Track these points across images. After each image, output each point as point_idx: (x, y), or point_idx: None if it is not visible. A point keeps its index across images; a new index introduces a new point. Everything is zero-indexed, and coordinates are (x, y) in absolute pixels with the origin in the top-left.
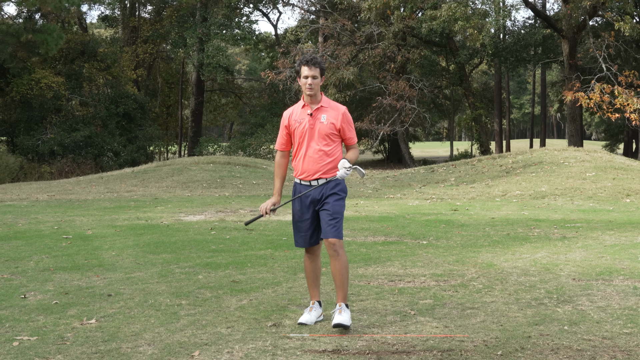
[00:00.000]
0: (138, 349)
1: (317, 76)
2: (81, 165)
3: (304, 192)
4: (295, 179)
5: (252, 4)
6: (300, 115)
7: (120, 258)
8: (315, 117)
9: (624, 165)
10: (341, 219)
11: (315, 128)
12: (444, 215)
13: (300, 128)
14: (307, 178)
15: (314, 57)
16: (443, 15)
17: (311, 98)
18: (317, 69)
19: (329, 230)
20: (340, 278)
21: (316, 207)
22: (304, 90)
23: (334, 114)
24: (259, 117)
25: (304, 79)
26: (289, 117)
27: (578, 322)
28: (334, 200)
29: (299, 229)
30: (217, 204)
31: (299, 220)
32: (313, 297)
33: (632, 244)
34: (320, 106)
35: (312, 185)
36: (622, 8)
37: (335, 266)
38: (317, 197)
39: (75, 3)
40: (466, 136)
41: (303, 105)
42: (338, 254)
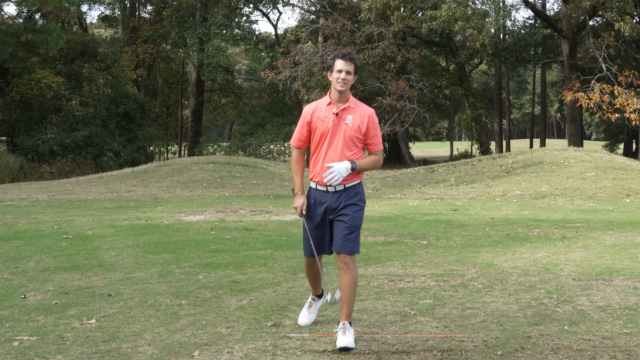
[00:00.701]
0: (138, 349)
1: (352, 72)
2: (81, 165)
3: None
4: (311, 183)
5: (252, 4)
6: (325, 113)
7: (120, 258)
8: (341, 118)
9: (624, 165)
10: (359, 233)
11: (340, 129)
12: (444, 215)
13: (323, 126)
14: (324, 182)
15: (350, 53)
16: (443, 15)
17: (340, 95)
18: (352, 64)
19: (346, 245)
20: (348, 293)
21: (330, 216)
22: (334, 85)
23: (360, 116)
24: (259, 117)
25: (337, 72)
26: (312, 113)
27: (578, 322)
28: (353, 212)
29: (313, 237)
30: (217, 204)
31: (312, 229)
32: (314, 292)
33: (632, 244)
34: (348, 106)
35: (329, 191)
36: (622, 8)
37: (344, 280)
38: (333, 205)
39: (75, 3)
40: (466, 136)
41: (329, 103)
42: (349, 267)
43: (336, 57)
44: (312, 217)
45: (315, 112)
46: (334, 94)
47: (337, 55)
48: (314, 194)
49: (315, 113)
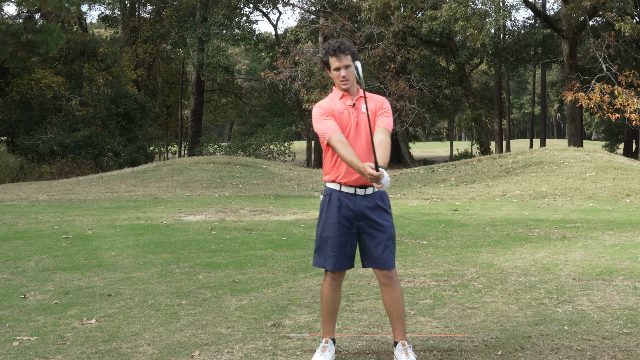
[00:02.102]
0: (138, 349)
1: (350, 64)
2: (81, 165)
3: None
4: (331, 185)
5: (252, 4)
6: (341, 106)
7: (120, 258)
8: (358, 108)
9: (624, 165)
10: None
11: (360, 120)
12: (444, 215)
13: (344, 120)
14: (352, 183)
15: (341, 44)
16: (443, 15)
17: (348, 90)
18: (347, 56)
19: (387, 258)
20: (398, 309)
21: (360, 223)
22: (338, 85)
23: (373, 104)
24: (259, 117)
25: (334, 71)
26: (330, 106)
27: (578, 322)
28: (387, 220)
29: (330, 248)
30: (217, 204)
31: (333, 237)
32: (327, 333)
33: (632, 244)
34: (360, 96)
35: (357, 194)
36: (622, 8)
37: (391, 296)
38: (363, 211)
39: (75, 3)
40: (466, 136)
41: (341, 96)
42: (394, 281)
43: (328, 54)
44: (335, 223)
45: (330, 106)
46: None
47: (327, 52)
48: (338, 197)
49: (332, 107)
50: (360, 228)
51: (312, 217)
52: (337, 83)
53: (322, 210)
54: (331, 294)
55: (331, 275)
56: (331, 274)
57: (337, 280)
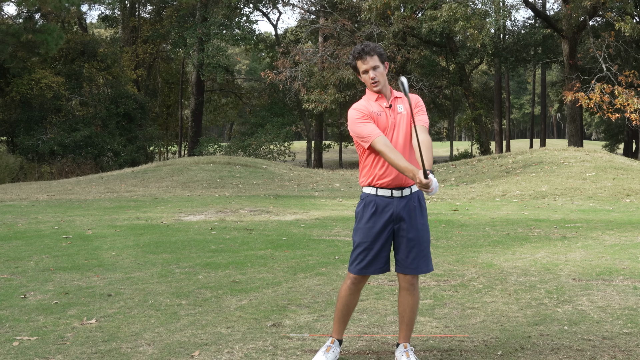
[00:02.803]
0: (138, 349)
1: (379, 65)
2: (81, 165)
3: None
4: (367, 189)
5: (252, 4)
6: (377, 108)
7: (120, 258)
8: (395, 110)
9: (624, 165)
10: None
11: (397, 121)
12: (444, 215)
13: (382, 122)
14: (390, 184)
15: (365, 46)
16: (443, 15)
17: (382, 91)
18: (374, 56)
19: (418, 263)
20: (411, 315)
21: (396, 226)
22: (369, 88)
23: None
24: (259, 117)
25: (364, 74)
26: (367, 109)
27: (578, 322)
28: (422, 224)
29: (361, 253)
30: (217, 204)
31: (371, 241)
32: (336, 333)
33: (632, 244)
34: (395, 97)
35: (394, 197)
36: (623, 8)
37: (408, 301)
38: (400, 213)
39: (75, 3)
40: (466, 136)
41: (376, 98)
42: (415, 287)
43: (355, 59)
44: (375, 226)
45: (367, 109)
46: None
47: (354, 57)
48: (374, 200)
49: (368, 109)
50: (395, 231)
51: (312, 217)
52: (368, 86)
53: (357, 216)
54: (349, 297)
55: (352, 279)
56: (353, 278)
57: (358, 285)
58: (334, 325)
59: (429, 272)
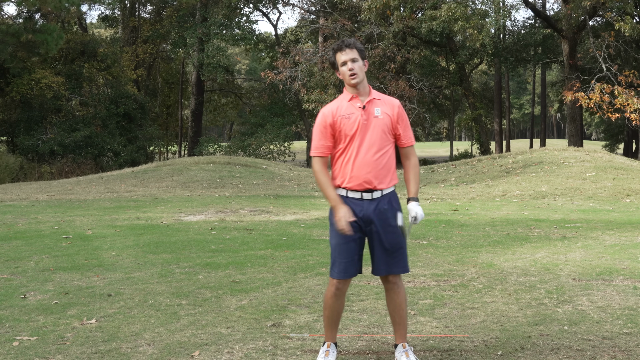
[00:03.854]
0: (138, 349)
1: (357, 58)
2: (81, 165)
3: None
4: (338, 191)
5: (252, 4)
6: (349, 109)
7: (120, 258)
8: (369, 111)
9: (624, 165)
10: (406, 248)
11: (370, 124)
12: (444, 215)
13: (349, 125)
14: (358, 187)
15: (346, 39)
16: (443, 15)
17: (359, 89)
18: (353, 50)
19: (396, 264)
20: (401, 313)
21: (366, 228)
22: (347, 82)
23: (388, 107)
24: (259, 117)
25: (342, 66)
26: (333, 114)
27: (578, 322)
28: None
29: (342, 254)
30: (217, 204)
31: (343, 243)
32: (329, 338)
33: (632, 244)
34: (372, 98)
35: (364, 199)
36: (622, 8)
37: (395, 300)
38: (369, 216)
39: (75, 3)
40: (466, 136)
41: (350, 98)
42: (398, 285)
43: (334, 52)
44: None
45: (336, 112)
46: (351, 89)
47: (334, 50)
48: (345, 203)
49: (337, 112)
50: (368, 233)
51: (312, 217)
52: (346, 80)
53: (331, 218)
54: (335, 302)
55: (336, 284)
56: (337, 282)
57: (342, 290)
58: (325, 332)
59: (404, 272)
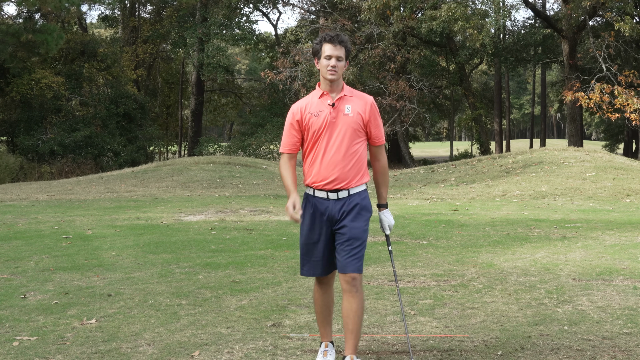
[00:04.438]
0: (138, 349)
1: (342, 57)
2: (81, 165)
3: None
4: (307, 189)
5: (252, 4)
6: (318, 107)
7: (120, 258)
8: (338, 109)
9: (624, 165)
10: (364, 247)
11: (339, 121)
12: (444, 215)
13: (318, 122)
14: (324, 187)
15: (339, 34)
16: (443, 15)
17: (332, 85)
18: (342, 48)
19: (349, 262)
20: (355, 320)
21: (333, 227)
22: (324, 74)
23: (360, 104)
24: (259, 117)
25: (325, 59)
26: (301, 110)
27: (578, 322)
28: (357, 223)
29: (310, 254)
30: (217, 204)
31: (310, 242)
32: (325, 337)
33: (632, 244)
34: (344, 95)
35: (330, 199)
36: (622, 8)
37: (350, 305)
38: (335, 216)
39: (75, 3)
40: (466, 136)
41: (321, 95)
42: (357, 289)
43: (323, 41)
44: (313, 228)
45: (305, 109)
46: (325, 84)
47: (323, 39)
48: (312, 201)
49: (306, 109)
50: (334, 232)
51: None
52: (323, 72)
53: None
54: (322, 297)
55: (320, 280)
56: (320, 279)
57: (327, 284)
58: (320, 330)
59: (356, 272)
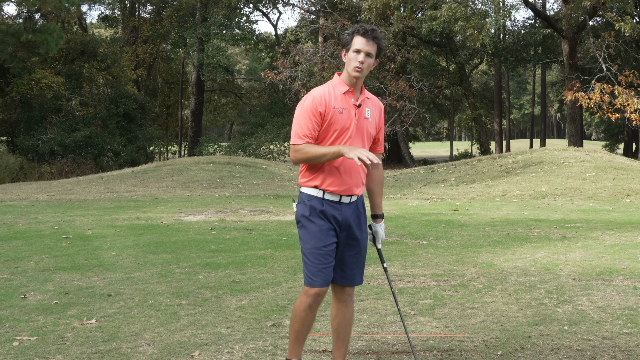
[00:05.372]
0: (138, 349)
1: (373, 55)
2: (81, 165)
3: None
4: (311, 191)
5: (252, 4)
6: (342, 103)
7: (120, 258)
8: (362, 111)
9: (624, 165)
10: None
11: (362, 126)
12: (444, 215)
13: (342, 121)
14: (340, 191)
15: (375, 29)
16: (443, 15)
17: (356, 83)
18: (375, 45)
19: (358, 273)
20: (347, 330)
21: (342, 234)
22: (349, 69)
23: (375, 109)
24: (259, 117)
25: (353, 53)
26: (326, 102)
27: (578, 322)
28: (363, 233)
29: (325, 260)
30: (217, 204)
31: (326, 245)
32: (295, 354)
33: (632, 244)
34: (365, 98)
35: (342, 202)
36: (622, 8)
37: (345, 315)
38: (345, 221)
39: (75, 3)
40: (466, 136)
41: (346, 91)
42: (351, 298)
43: (355, 33)
44: (329, 230)
45: (329, 101)
46: (349, 80)
47: (356, 31)
48: (321, 205)
49: (330, 102)
50: (341, 239)
51: None
52: (349, 67)
53: (303, 220)
54: (308, 316)
55: (314, 295)
56: (315, 293)
57: (319, 301)
58: (291, 346)
59: (360, 284)
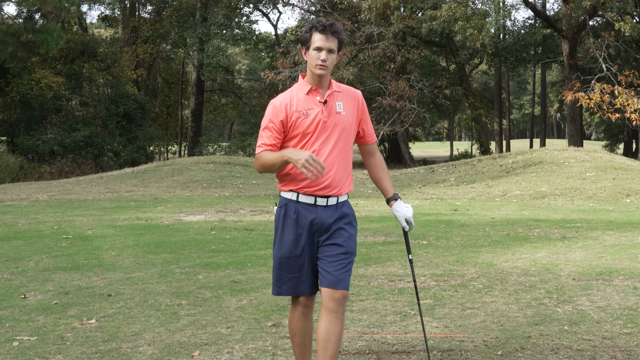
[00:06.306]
0: (138, 349)
1: (335, 50)
2: (81, 165)
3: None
4: (287, 194)
5: (252, 4)
6: (306, 104)
7: (120, 258)
8: (330, 106)
9: (624, 165)
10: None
11: (331, 121)
12: (444, 215)
13: (307, 122)
14: (315, 192)
15: (333, 24)
16: (443, 15)
17: (321, 80)
18: (335, 40)
19: (343, 277)
20: (336, 345)
21: (320, 238)
22: (312, 68)
23: (351, 101)
24: (259, 117)
25: (314, 51)
26: (286, 108)
27: (578, 322)
28: (349, 234)
29: (290, 270)
30: (217, 204)
31: (292, 256)
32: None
33: (632, 244)
34: (333, 91)
35: (318, 205)
36: (623, 8)
37: (334, 327)
38: (325, 223)
39: (75, 3)
40: (466, 136)
41: (308, 91)
42: (342, 310)
43: (314, 30)
44: (298, 239)
45: (289, 106)
46: (313, 78)
47: (314, 27)
48: (295, 208)
49: (292, 107)
50: (323, 242)
51: None
52: (311, 66)
53: (278, 226)
54: (304, 324)
55: (303, 302)
56: (304, 301)
57: (309, 306)
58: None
59: (347, 289)
